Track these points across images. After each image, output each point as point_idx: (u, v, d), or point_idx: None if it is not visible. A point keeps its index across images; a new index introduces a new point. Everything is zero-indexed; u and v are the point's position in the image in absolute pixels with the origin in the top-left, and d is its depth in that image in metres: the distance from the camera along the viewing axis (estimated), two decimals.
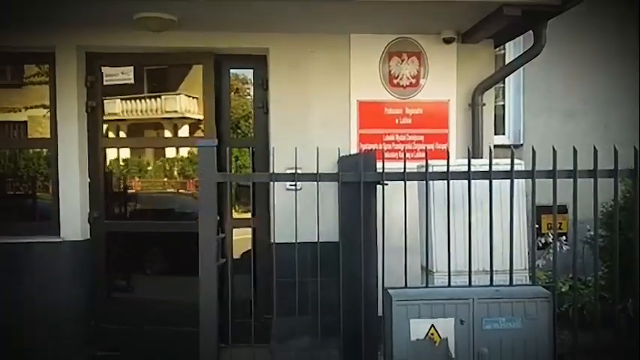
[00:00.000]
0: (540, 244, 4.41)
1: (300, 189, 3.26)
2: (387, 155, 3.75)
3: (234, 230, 4.16)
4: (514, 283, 2.72)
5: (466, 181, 2.66)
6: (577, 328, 2.74)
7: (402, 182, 2.60)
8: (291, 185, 3.36)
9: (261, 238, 4.09)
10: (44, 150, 4.23)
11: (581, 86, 6.64)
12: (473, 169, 2.65)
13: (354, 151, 4.02)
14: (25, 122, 4.45)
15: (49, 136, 4.05)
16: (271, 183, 3.65)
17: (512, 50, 5.58)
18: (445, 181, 2.64)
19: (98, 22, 3.65)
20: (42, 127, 4.12)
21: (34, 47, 3.91)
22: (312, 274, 2.90)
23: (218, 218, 3.03)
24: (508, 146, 5.23)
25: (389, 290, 2.63)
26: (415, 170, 2.71)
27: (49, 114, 4.06)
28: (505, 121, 6.58)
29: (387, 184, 2.59)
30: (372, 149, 2.73)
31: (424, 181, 2.71)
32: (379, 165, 2.61)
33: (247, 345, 2.89)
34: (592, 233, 3.21)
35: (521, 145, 6.63)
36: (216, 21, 3.71)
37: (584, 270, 4.10)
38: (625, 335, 3.08)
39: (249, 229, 4.14)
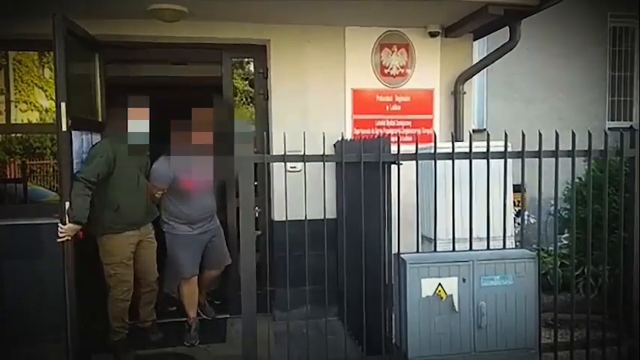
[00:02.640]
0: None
1: (300, 171, 3.61)
2: None
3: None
4: (505, 247, 3.19)
5: (458, 162, 3.10)
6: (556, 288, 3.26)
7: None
8: (292, 167, 3.71)
9: (261, 217, 4.41)
10: None
11: (540, 76, 7.29)
12: (466, 150, 3.08)
13: (349, 135, 4.39)
14: None
15: None
16: (272, 164, 4.07)
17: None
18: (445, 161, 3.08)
19: (111, 13, 3.81)
20: None
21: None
22: (311, 248, 3.08)
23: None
24: (475, 131, 5.76)
25: (402, 255, 3.03)
26: (425, 152, 3.09)
27: None
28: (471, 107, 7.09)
29: (402, 164, 2.97)
30: (385, 135, 3.05)
31: (423, 162, 3.12)
32: (394, 148, 2.98)
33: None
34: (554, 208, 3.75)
35: (485, 129, 7.22)
36: (222, 13, 3.94)
37: (547, 240, 4.65)
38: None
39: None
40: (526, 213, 5.41)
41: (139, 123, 3.47)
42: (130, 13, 3.78)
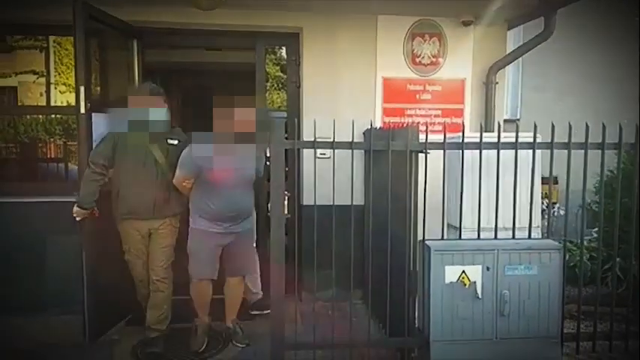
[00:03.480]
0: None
1: (329, 157, 3.69)
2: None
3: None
4: (531, 237, 3.22)
5: (486, 151, 3.13)
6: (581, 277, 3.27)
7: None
8: (321, 154, 3.79)
9: (290, 201, 4.52)
10: None
11: (575, 67, 7.14)
12: (494, 140, 3.11)
13: (378, 123, 4.44)
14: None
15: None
16: (302, 150, 4.11)
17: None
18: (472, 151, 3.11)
19: (149, 1, 3.95)
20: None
21: None
22: (338, 233, 3.16)
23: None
24: (507, 121, 5.73)
25: (427, 242, 3.10)
26: (453, 141, 3.13)
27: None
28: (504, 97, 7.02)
29: (429, 153, 3.02)
30: (415, 122, 3.11)
31: (451, 151, 3.16)
32: (422, 136, 3.03)
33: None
34: (587, 200, 3.72)
35: (519, 119, 7.14)
36: (257, 1, 4.04)
37: (576, 233, 4.61)
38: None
39: None
40: (557, 205, 5.39)
41: (154, 111, 3.32)
42: (169, 1, 3.91)
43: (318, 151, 3.19)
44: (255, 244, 3.88)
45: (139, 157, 3.39)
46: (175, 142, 3.49)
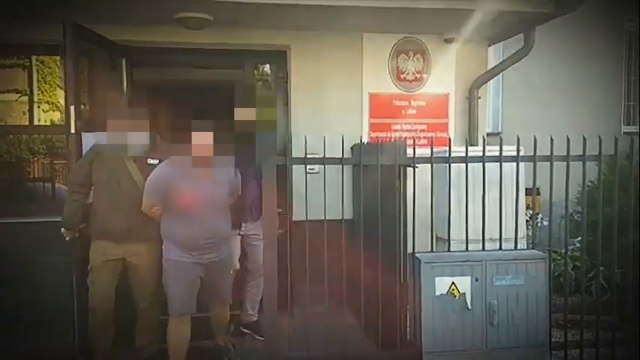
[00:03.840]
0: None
1: (317, 172, 3.74)
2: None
3: None
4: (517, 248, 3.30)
5: (474, 165, 3.22)
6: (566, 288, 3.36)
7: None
8: (310, 169, 3.84)
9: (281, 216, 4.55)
10: None
11: (556, 79, 7.34)
12: (479, 154, 3.20)
13: (365, 138, 4.52)
14: None
15: None
16: (296, 167, 4.14)
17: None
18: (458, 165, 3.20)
19: (137, 20, 3.99)
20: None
21: None
22: (328, 247, 3.17)
23: None
24: (489, 134, 5.85)
25: (417, 254, 3.16)
26: (440, 155, 3.21)
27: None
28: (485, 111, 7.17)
29: (417, 167, 3.09)
30: (402, 137, 3.18)
31: (437, 165, 3.24)
32: (409, 151, 3.11)
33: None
34: (569, 211, 3.83)
35: (499, 133, 7.29)
36: (245, 20, 4.10)
37: (560, 243, 4.72)
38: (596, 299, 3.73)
39: None
40: (539, 216, 5.50)
41: (133, 135, 3.16)
42: (157, 20, 3.96)
43: (308, 166, 3.24)
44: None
45: (115, 177, 3.23)
46: (156, 161, 3.26)
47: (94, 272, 3.29)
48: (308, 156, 3.14)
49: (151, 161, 3.28)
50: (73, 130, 3.39)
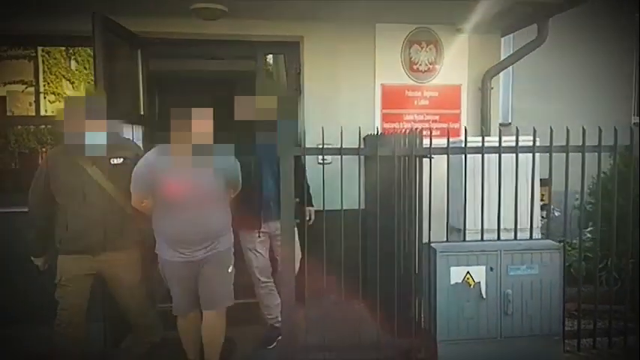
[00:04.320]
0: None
1: (330, 163, 3.78)
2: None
3: None
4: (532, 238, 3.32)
5: (488, 156, 3.24)
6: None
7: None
8: (324, 160, 3.86)
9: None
10: None
11: (566, 70, 7.31)
12: (495, 145, 3.22)
13: (378, 129, 4.53)
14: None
15: None
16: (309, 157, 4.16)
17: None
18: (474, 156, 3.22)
19: (152, 11, 4.01)
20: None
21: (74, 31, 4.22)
22: (339, 237, 3.20)
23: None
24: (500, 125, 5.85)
25: (432, 244, 3.18)
26: (455, 145, 3.23)
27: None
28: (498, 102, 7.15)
29: (433, 157, 3.11)
30: (417, 128, 3.19)
31: (455, 155, 3.26)
32: (426, 141, 3.13)
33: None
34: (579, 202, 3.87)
35: (509, 123, 7.28)
36: (258, 11, 4.11)
37: (571, 233, 4.74)
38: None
39: None
40: (552, 206, 5.51)
41: (92, 135, 2.79)
42: (173, 12, 3.98)
43: (320, 157, 3.28)
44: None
45: (77, 184, 2.88)
46: (119, 160, 2.95)
47: (64, 287, 2.95)
48: (325, 147, 3.17)
49: (115, 160, 2.95)
50: None
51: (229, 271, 3.12)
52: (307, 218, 3.72)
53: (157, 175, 2.82)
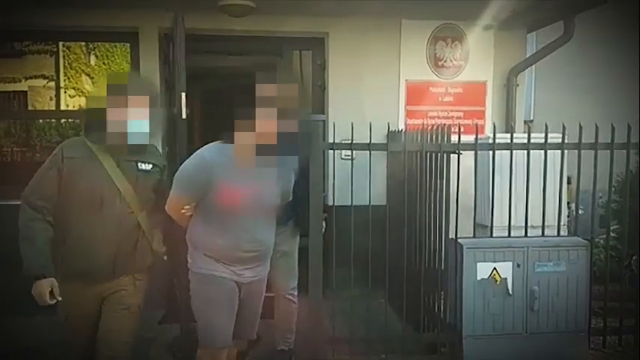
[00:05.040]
0: None
1: (354, 158, 3.80)
2: None
3: None
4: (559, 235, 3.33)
5: (516, 152, 3.25)
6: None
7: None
8: (346, 155, 3.90)
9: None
10: None
11: (588, 68, 7.24)
12: (523, 141, 3.23)
13: (402, 125, 4.55)
14: None
15: None
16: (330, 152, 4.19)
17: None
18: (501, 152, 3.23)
19: (182, 7, 4.06)
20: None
21: (120, 27, 4.32)
22: (363, 232, 3.24)
23: None
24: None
25: (459, 240, 3.21)
26: (485, 142, 3.25)
27: None
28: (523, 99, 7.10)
29: (461, 154, 3.13)
30: (445, 124, 3.21)
31: (482, 151, 3.28)
32: (454, 138, 3.15)
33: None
34: (603, 200, 3.86)
35: (532, 120, 7.24)
36: (285, 7, 4.15)
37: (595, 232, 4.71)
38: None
39: None
40: (571, 205, 5.47)
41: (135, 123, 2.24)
42: (201, 8, 4.02)
43: (346, 152, 3.31)
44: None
45: (95, 190, 2.28)
46: (149, 166, 2.41)
47: (70, 322, 2.39)
48: (345, 142, 3.22)
49: (143, 166, 2.39)
50: (184, 116, 3.32)
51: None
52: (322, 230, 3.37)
53: (214, 177, 2.31)
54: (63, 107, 6.80)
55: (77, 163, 2.29)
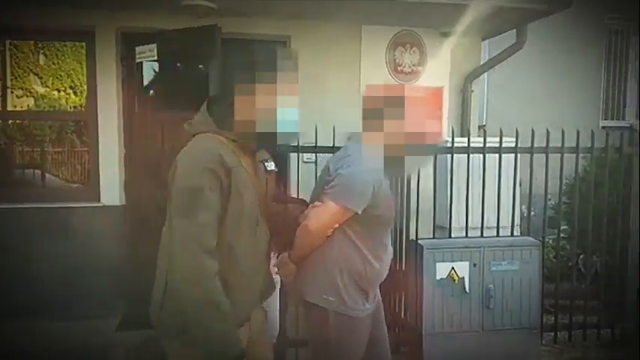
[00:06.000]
0: None
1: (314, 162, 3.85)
2: None
3: None
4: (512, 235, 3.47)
5: (472, 155, 3.38)
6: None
7: None
8: (308, 158, 3.94)
9: None
10: None
11: (538, 74, 7.55)
12: (479, 145, 3.36)
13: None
14: None
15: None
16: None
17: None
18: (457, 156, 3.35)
19: (141, 6, 4.01)
20: None
21: (75, 25, 4.20)
22: None
23: None
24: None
25: (419, 241, 3.29)
26: (443, 146, 3.35)
27: None
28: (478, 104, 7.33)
29: None
30: None
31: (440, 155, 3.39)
32: None
33: None
34: (553, 202, 4.06)
35: (484, 125, 7.48)
36: (248, 9, 4.15)
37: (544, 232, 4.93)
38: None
39: None
40: (524, 206, 5.71)
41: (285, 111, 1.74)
42: (165, 7, 3.99)
43: (305, 155, 3.34)
44: None
45: (253, 207, 1.73)
46: (273, 166, 1.93)
47: None
48: (308, 145, 3.27)
49: (270, 166, 1.91)
50: None
51: None
52: None
53: (381, 187, 1.99)
54: (10, 108, 6.55)
55: (242, 178, 1.66)
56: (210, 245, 1.53)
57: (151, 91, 4.41)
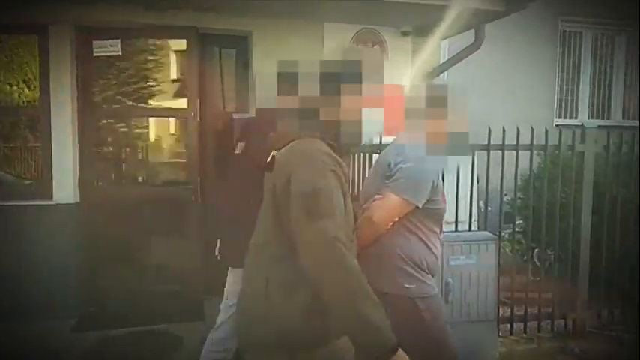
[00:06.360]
0: None
1: None
2: None
3: None
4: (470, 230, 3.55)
5: None
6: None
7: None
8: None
9: None
10: None
11: (494, 73, 7.74)
12: None
13: None
14: None
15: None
16: None
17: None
18: None
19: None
20: None
21: (27, 18, 4.05)
22: None
23: None
24: None
25: None
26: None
27: None
28: None
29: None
30: None
31: None
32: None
33: None
34: (508, 198, 4.19)
35: None
36: (209, 4, 4.09)
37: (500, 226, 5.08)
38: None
39: None
40: (481, 202, 5.86)
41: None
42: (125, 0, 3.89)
43: None
44: None
45: (351, 207, 1.72)
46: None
47: None
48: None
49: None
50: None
51: None
52: None
53: (439, 182, 2.18)
54: None
55: (344, 175, 1.65)
56: (347, 244, 1.52)
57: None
